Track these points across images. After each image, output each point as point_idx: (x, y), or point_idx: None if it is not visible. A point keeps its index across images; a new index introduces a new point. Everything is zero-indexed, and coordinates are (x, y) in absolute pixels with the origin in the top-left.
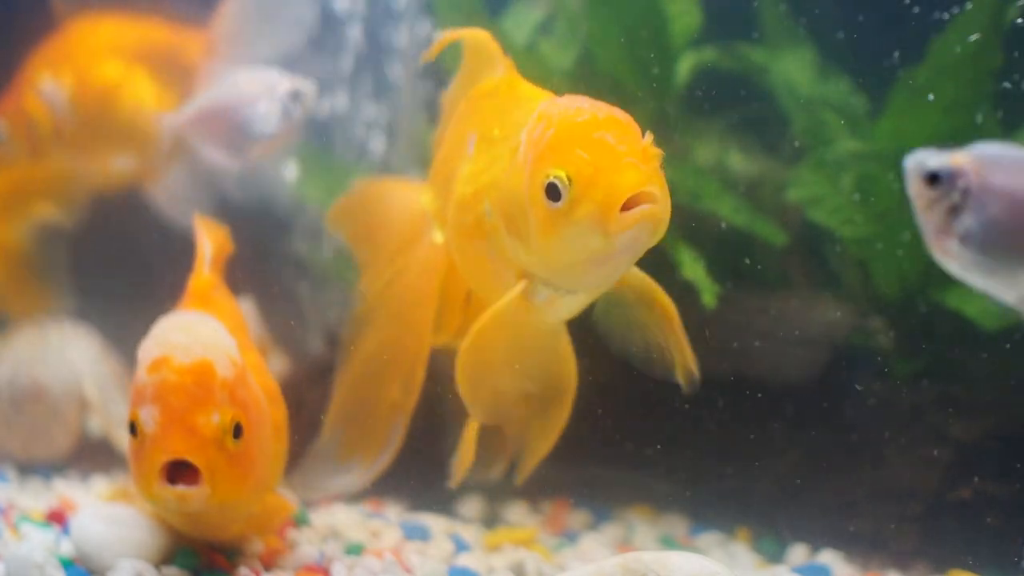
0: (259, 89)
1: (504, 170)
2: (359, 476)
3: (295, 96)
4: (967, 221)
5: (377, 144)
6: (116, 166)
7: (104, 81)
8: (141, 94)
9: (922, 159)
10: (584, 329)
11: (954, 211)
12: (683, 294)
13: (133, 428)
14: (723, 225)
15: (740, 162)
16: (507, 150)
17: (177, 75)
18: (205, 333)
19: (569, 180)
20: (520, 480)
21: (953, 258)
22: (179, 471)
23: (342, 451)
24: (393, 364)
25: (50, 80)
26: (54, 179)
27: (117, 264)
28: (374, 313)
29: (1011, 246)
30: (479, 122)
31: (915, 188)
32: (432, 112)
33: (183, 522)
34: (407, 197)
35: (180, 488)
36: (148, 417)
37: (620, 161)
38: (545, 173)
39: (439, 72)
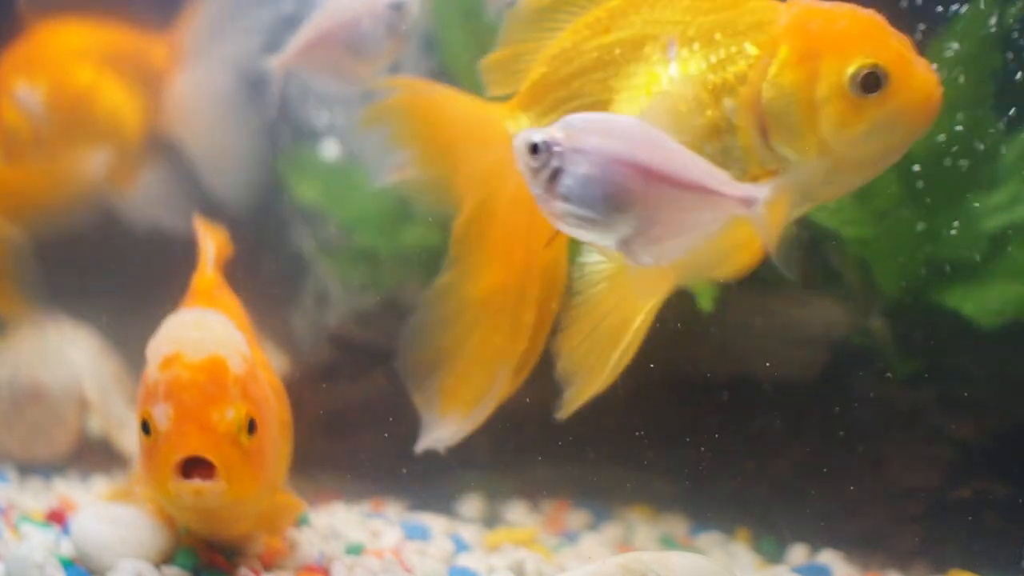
0: (360, 8)
1: (754, 68)
2: (455, 428)
3: (397, 7)
4: (566, 181)
5: None
6: (93, 170)
7: (79, 85)
8: (115, 97)
9: (526, 135)
10: None
11: (556, 175)
12: (681, 295)
13: (146, 426)
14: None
15: None
16: (751, 47)
17: (143, 80)
18: (215, 329)
19: (886, 70)
20: (564, 415)
21: (559, 216)
22: (193, 468)
23: (439, 402)
24: (495, 307)
25: (25, 85)
26: (31, 184)
27: (114, 265)
28: (462, 252)
29: (601, 197)
30: (672, 26)
31: (522, 161)
32: None
33: (195, 519)
34: (483, 117)
35: (197, 484)
36: (162, 415)
37: (917, 55)
38: (859, 63)
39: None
